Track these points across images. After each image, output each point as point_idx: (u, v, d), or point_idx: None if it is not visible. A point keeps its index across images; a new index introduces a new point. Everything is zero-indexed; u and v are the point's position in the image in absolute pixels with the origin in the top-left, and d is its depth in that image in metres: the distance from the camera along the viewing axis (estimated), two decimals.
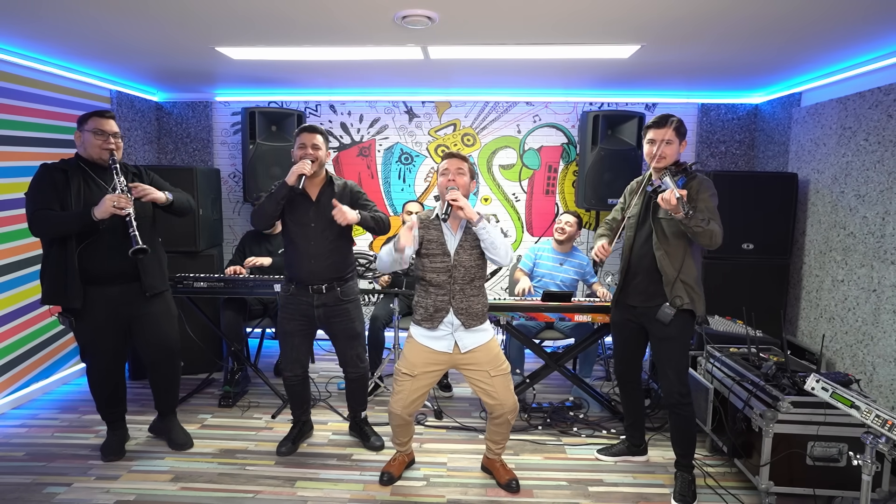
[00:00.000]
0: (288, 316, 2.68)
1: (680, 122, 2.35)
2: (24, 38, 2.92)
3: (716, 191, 2.33)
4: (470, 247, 2.34)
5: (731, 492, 2.47)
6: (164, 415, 2.84)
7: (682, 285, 2.31)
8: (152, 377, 2.77)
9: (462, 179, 2.34)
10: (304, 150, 2.53)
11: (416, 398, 2.40)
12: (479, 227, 2.26)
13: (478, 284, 2.40)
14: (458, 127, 4.54)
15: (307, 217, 2.58)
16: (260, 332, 4.03)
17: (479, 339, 2.37)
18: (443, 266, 2.34)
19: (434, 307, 2.34)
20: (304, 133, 2.56)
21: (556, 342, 3.94)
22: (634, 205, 2.51)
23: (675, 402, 2.37)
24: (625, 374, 2.67)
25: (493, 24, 2.62)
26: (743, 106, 4.36)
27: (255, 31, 2.76)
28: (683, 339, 2.38)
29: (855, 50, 2.92)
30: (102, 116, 2.49)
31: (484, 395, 2.38)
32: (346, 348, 2.74)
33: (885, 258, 2.88)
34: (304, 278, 2.60)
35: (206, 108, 4.56)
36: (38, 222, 2.38)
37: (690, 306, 2.31)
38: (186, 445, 2.81)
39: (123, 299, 2.54)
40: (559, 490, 2.50)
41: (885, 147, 2.91)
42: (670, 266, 2.31)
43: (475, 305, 2.37)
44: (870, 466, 1.79)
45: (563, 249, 3.67)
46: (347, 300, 2.69)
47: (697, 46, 2.94)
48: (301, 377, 2.78)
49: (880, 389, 2.85)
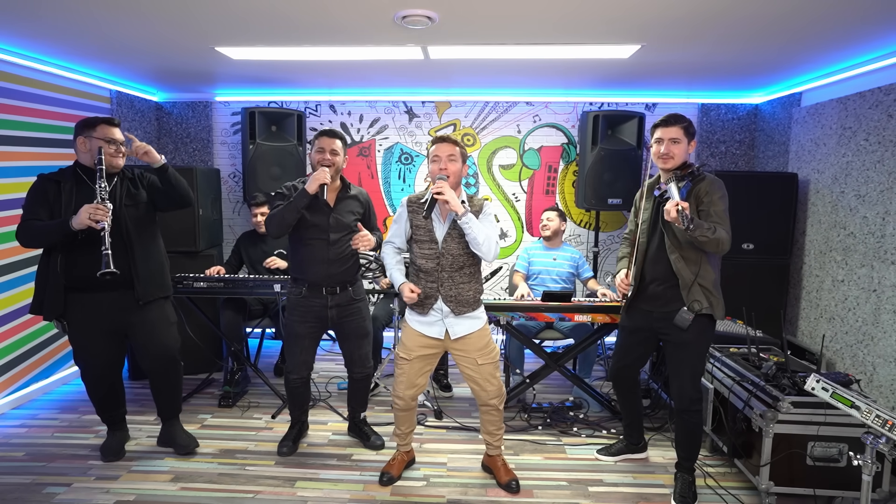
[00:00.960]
0: (299, 318, 2.64)
1: (689, 122, 2.32)
2: (23, 38, 2.92)
3: (726, 192, 2.27)
4: (458, 235, 2.31)
5: (731, 492, 2.46)
6: (166, 420, 2.81)
7: (699, 289, 2.24)
8: (152, 383, 2.72)
9: (454, 166, 2.28)
10: (323, 154, 2.51)
11: (418, 380, 2.44)
12: (463, 221, 2.23)
13: (468, 272, 2.37)
14: (458, 127, 4.54)
15: (325, 223, 2.56)
16: (260, 332, 4.03)
17: (470, 326, 2.37)
18: (431, 253, 2.34)
19: (424, 293, 2.35)
20: (323, 137, 2.53)
21: (556, 342, 3.94)
22: (644, 209, 2.45)
23: (686, 408, 2.33)
24: (622, 377, 2.62)
25: (493, 24, 2.62)
26: (743, 106, 4.36)
27: (255, 31, 2.76)
28: (701, 345, 2.33)
29: (855, 50, 2.92)
30: (111, 124, 2.46)
31: (469, 380, 2.43)
32: (355, 347, 2.74)
33: (886, 258, 2.87)
34: (320, 282, 2.59)
35: (206, 108, 4.56)
36: (23, 233, 2.37)
37: (709, 311, 2.26)
38: (190, 448, 2.77)
39: (115, 306, 2.49)
40: (559, 490, 2.50)
41: (886, 147, 2.90)
42: (687, 270, 2.25)
43: (465, 293, 2.35)
44: (870, 466, 1.79)
45: (553, 245, 3.72)
46: (359, 298, 2.72)
47: (698, 46, 2.94)
48: (305, 379, 2.78)
49: (880, 389, 2.85)
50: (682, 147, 2.28)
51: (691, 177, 2.23)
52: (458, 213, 2.22)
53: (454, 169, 2.29)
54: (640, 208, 2.50)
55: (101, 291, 2.45)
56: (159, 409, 2.80)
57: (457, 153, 2.31)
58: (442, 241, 2.33)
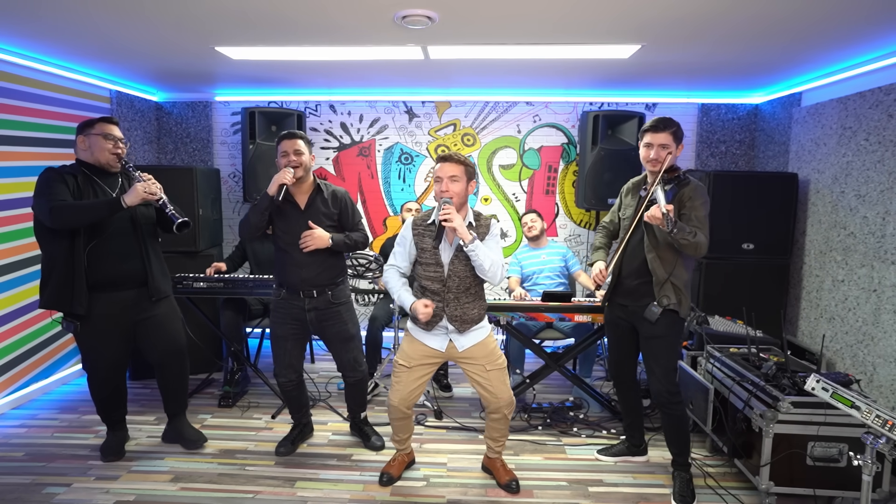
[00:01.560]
0: (279, 320, 2.66)
1: (678, 126, 2.34)
2: (23, 38, 2.91)
3: (708, 198, 2.33)
4: (465, 258, 2.28)
5: (731, 492, 2.47)
6: (173, 416, 2.84)
7: (671, 287, 2.31)
8: (161, 379, 2.75)
9: (456, 187, 2.24)
10: (287, 157, 2.50)
11: (414, 389, 2.40)
12: (470, 248, 2.20)
13: (474, 292, 2.36)
14: (458, 127, 4.54)
15: (297, 226, 2.55)
16: (260, 332, 4.03)
17: (474, 337, 2.37)
18: (436, 275, 2.31)
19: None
20: (284, 140, 2.54)
21: (556, 342, 3.95)
22: (628, 206, 2.52)
23: (665, 402, 2.38)
24: (619, 375, 2.66)
25: (493, 24, 2.62)
26: (743, 106, 4.36)
27: (255, 31, 2.76)
28: (671, 339, 2.38)
29: (855, 50, 2.92)
30: (110, 122, 2.51)
31: (480, 388, 2.39)
32: (341, 352, 2.72)
33: (886, 258, 2.87)
34: (295, 285, 2.59)
35: (206, 108, 4.56)
36: (60, 211, 2.28)
37: (676, 307, 2.31)
38: (199, 443, 2.81)
39: (131, 303, 2.54)
40: (559, 490, 2.50)
41: (886, 147, 2.90)
42: (662, 269, 2.31)
43: (470, 312, 2.34)
44: (870, 467, 1.79)
45: (539, 244, 3.81)
46: (339, 303, 2.67)
47: (698, 47, 2.94)
48: (296, 382, 2.75)
49: (880, 389, 2.85)
50: (672, 151, 2.34)
51: (677, 181, 2.33)
52: (466, 240, 2.19)
53: (457, 189, 2.24)
54: (625, 203, 2.56)
55: (121, 290, 2.50)
56: (166, 406, 2.81)
57: (460, 173, 2.25)
58: (448, 264, 2.30)
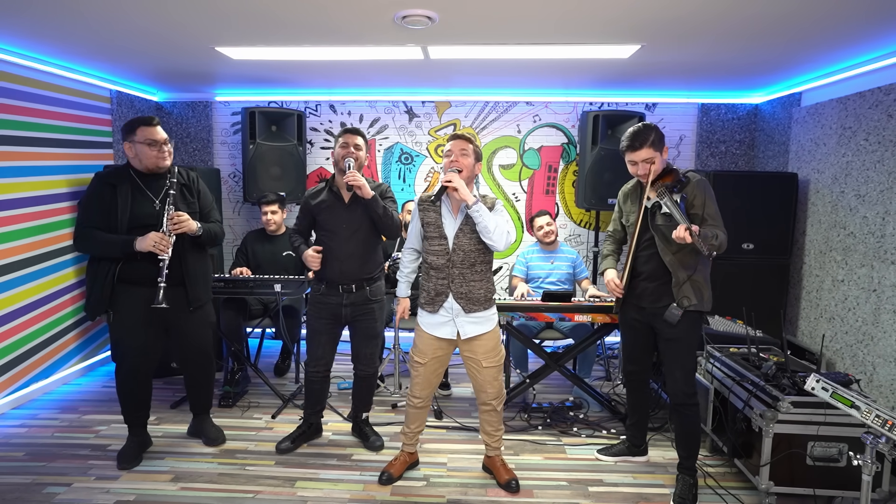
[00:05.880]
0: (316, 313, 2.73)
1: (653, 132, 2.30)
2: (23, 38, 2.92)
3: (712, 191, 2.31)
4: (471, 231, 2.32)
5: (731, 492, 2.46)
6: (197, 414, 2.91)
7: (690, 286, 2.29)
8: (188, 378, 2.83)
9: (466, 160, 2.31)
10: (347, 149, 2.59)
11: (433, 380, 2.50)
12: (473, 209, 2.23)
13: (480, 269, 2.38)
14: (458, 127, 4.54)
15: (340, 219, 2.63)
16: (260, 332, 4.03)
17: (480, 328, 2.38)
18: (441, 249, 2.34)
19: (435, 290, 2.36)
20: (347, 133, 2.63)
21: (556, 342, 3.95)
22: (631, 212, 2.50)
23: (681, 402, 2.36)
24: (635, 373, 2.65)
25: (493, 24, 2.62)
26: (743, 106, 4.36)
27: (256, 31, 2.76)
28: (690, 340, 2.37)
29: (855, 50, 2.92)
30: (150, 125, 2.49)
31: (472, 379, 2.48)
32: (362, 346, 2.79)
33: (886, 258, 2.87)
34: (335, 278, 2.65)
35: (206, 108, 4.56)
36: (83, 241, 2.46)
37: (698, 307, 2.30)
38: (219, 440, 2.86)
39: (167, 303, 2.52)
40: (559, 490, 2.50)
41: (886, 147, 2.90)
42: (682, 271, 2.29)
43: (476, 290, 2.36)
44: (870, 466, 1.79)
45: (551, 248, 3.74)
46: (375, 300, 2.75)
47: (697, 46, 2.94)
48: (322, 375, 2.80)
49: (880, 389, 2.85)
50: (658, 160, 2.32)
51: (680, 185, 2.27)
52: (469, 202, 2.22)
53: (466, 163, 2.31)
54: (626, 211, 2.54)
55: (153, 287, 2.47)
56: (192, 404, 2.90)
57: (469, 149, 2.33)
58: (453, 238, 2.33)
